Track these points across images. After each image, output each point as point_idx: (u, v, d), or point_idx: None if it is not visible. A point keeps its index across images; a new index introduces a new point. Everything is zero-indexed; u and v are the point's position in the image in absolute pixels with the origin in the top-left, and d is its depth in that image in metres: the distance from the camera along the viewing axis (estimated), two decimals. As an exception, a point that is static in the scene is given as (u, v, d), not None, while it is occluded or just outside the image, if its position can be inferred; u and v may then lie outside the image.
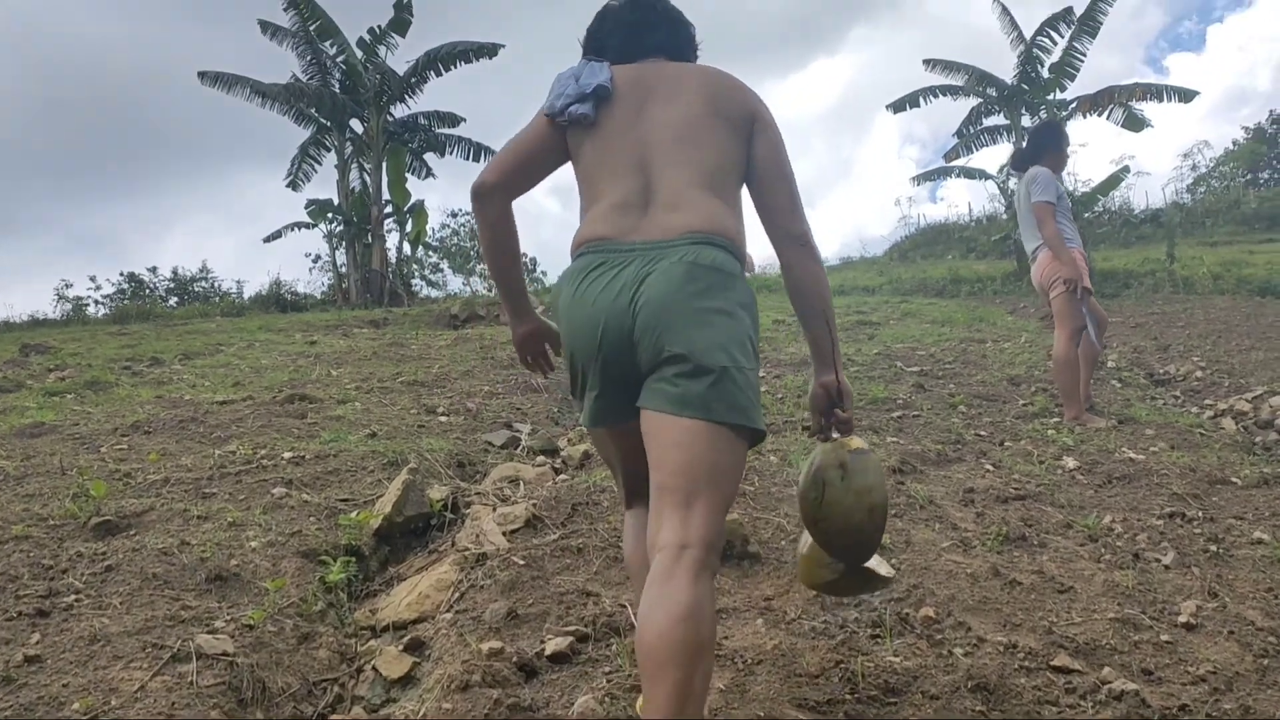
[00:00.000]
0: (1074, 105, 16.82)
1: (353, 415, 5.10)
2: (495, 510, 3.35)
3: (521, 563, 2.87)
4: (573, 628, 2.43)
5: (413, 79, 18.81)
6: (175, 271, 22.98)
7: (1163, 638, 2.43)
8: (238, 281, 23.44)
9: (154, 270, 23.01)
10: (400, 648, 2.51)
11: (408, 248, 20.32)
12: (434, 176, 20.40)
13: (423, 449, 4.23)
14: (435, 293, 23.38)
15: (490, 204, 2.00)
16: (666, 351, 1.74)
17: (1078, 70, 16.57)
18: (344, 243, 19.15)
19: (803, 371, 6.27)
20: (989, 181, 18.41)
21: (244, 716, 2.20)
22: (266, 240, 19.83)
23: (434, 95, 26.38)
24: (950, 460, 4.20)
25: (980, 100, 17.69)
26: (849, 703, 2.10)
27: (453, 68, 18.72)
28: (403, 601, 2.80)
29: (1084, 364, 5.29)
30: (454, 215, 27.87)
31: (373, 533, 3.29)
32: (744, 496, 3.37)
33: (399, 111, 19.44)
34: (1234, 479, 3.99)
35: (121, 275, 22.51)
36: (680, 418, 1.73)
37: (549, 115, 2.02)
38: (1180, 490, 3.77)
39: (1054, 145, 5.50)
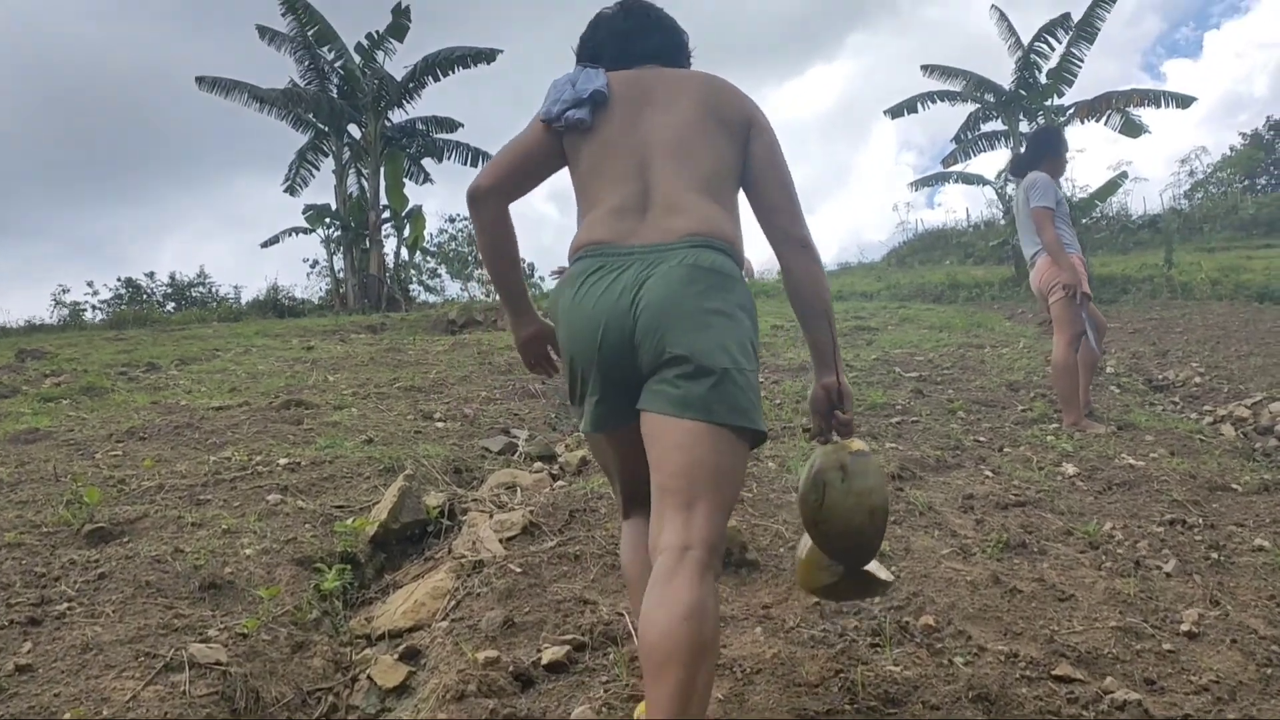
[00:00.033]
0: (1072, 111, 16.85)
1: (349, 421, 5.08)
2: (492, 517, 3.33)
3: (518, 570, 2.84)
4: (570, 636, 2.41)
5: (410, 84, 18.84)
6: (173, 277, 23.02)
7: (1165, 646, 2.41)
8: (235, 287, 23.46)
9: (151, 275, 23.03)
10: (395, 656, 2.48)
11: (405, 253, 20.33)
12: (432, 182, 20.42)
13: (419, 455, 4.21)
14: (433, 298, 23.38)
15: (486, 208, 2.00)
16: (668, 353, 1.74)
17: (1075, 76, 16.63)
18: (342, 248, 19.17)
19: (801, 377, 6.25)
20: (987, 187, 18.45)
21: (237, 727, 2.18)
22: (264, 245, 19.85)
23: (432, 100, 26.49)
24: (949, 466, 4.18)
25: (978, 106, 17.74)
26: (848, 713, 2.07)
27: (451, 73, 18.77)
28: (398, 609, 2.77)
29: (1083, 370, 5.28)
30: (452, 220, 27.93)
31: (369, 540, 3.27)
32: (742, 503, 3.34)
33: (397, 117, 19.50)
34: (1234, 485, 3.97)
35: (119, 280, 22.54)
36: (681, 419, 1.72)
37: (545, 120, 2.01)
38: (1181, 497, 3.75)
39: (1053, 151, 5.49)
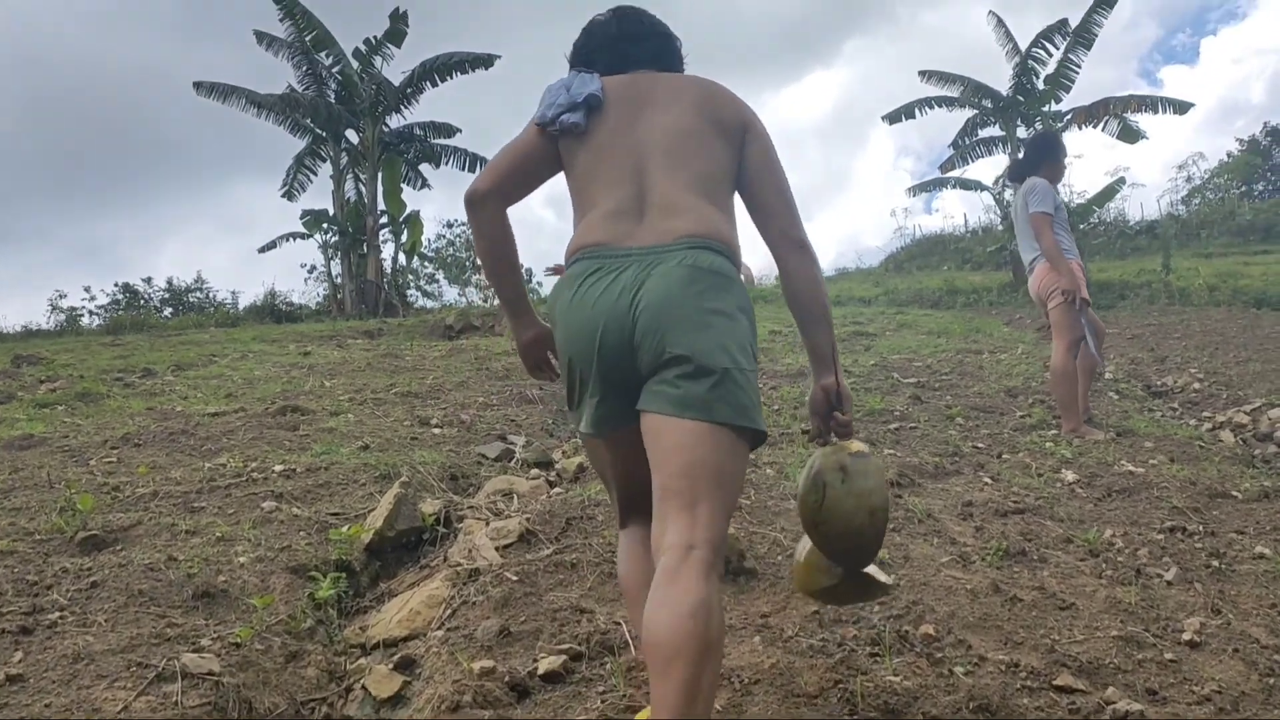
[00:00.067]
0: (1069, 117, 16.87)
1: (345, 427, 5.06)
2: (488, 525, 3.30)
3: (514, 578, 2.82)
4: (566, 646, 2.39)
5: (408, 89, 18.84)
6: (170, 282, 22.99)
7: (1167, 656, 2.39)
8: (233, 292, 23.46)
9: (149, 281, 22.99)
10: (390, 666, 2.46)
11: (403, 258, 20.32)
12: (429, 187, 20.42)
13: (415, 462, 4.19)
14: (431, 303, 23.38)
15: (483, 211, 2.00)
16: (668, 353, 1.74)
17: (1073, 82, 16.65)
18: (339, 253, 19.14)
19: (799, 382, 6.24)
20: (984, 193, 18.47)
21: (229, 738, 2.15)
22: (261, 250, 19.83)
23: (430, 106, 26.52)
24: (948, 473, 4.16)
25: (976, 112, 17.76)
26: (848, 724, 2.06)
27: (448, 78, 18.77)
28: (393, 618, 2.75)
29: (1082, 376, 5.26)
30: (450, 226, 27.94)
31: (364, 548, 3.24)
32: (740, 510, 3.32)
33: (395, 122, 19.49)
34: (1234, 492, 3.95)
35: (116, 286, 22.53)
36: (682, 419, 1.73)
37: (540, 124, 2.02)
38: (1181, 504, 3.73)
39: (1051, 156, 5.48)
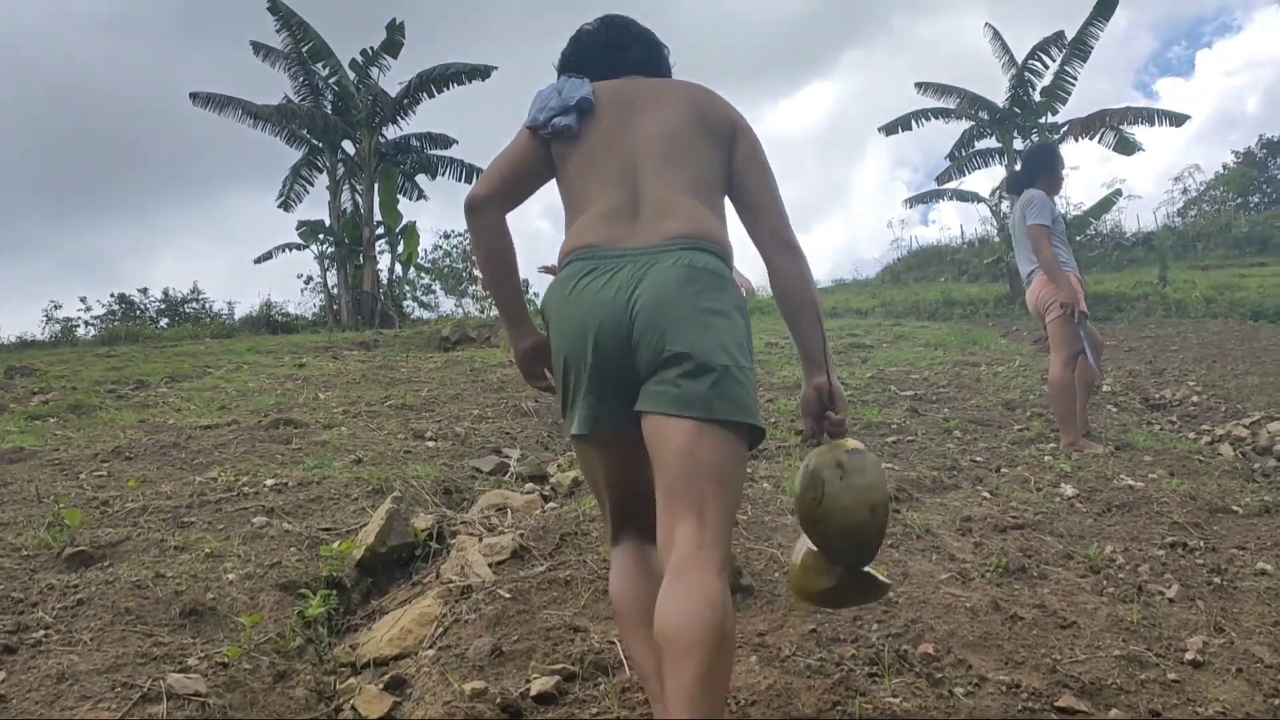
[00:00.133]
0: (1066, 128, 16.90)
1: (338, 440, 5.01)
2: (481, 540, 3.26)
3: (507, 596, 2.78)
4: (559, 666, 2.34)
5: (405, 100, 18.85)
6: (166, 293, 22.96)
7: (1170, 676, 2.35)
8: (229, 302, 23.35)
9: (145, 291, 22.96)
10: (380, 686, 2.41)
11: (399, 269, 20.27)
12: (426, 198, 20.40)
13: (409, 476, 4.14)
14: (427, 314, 23.35)
15: (483, 217, 2.01)
16: (667, 351, 1.75)
17: (1069, 94, 16.69)
18: (335, 264, 19.11)
19: (796, 395, 6.20)
20: (981, 204, 18.49)
21: (214, 761, 2.10)
22: (257, 261, 19.81)
23: (426, 117, 26.50)
24: (946, 487, 4.12)
25: (972, 123, 17.79)
26: (846, 747, 2.01)
27: (445, 89, 18.78)
28: (384, 636, 2.70)
29: (1081, 389, 5.23)
30: (446, 236, 27.98)
31: (355, 564, 3.20)
32: (736, 526, 3.28)
33: (391, 133, 19.49)
34: (1235, 507, 3.92)
35: (112, 296, 22.48)
36: (684, 420, 1.73)
37: (531, 128, 2.03)
38: (1181, 519, 3.70)
39: (1048, 167, 5.46)
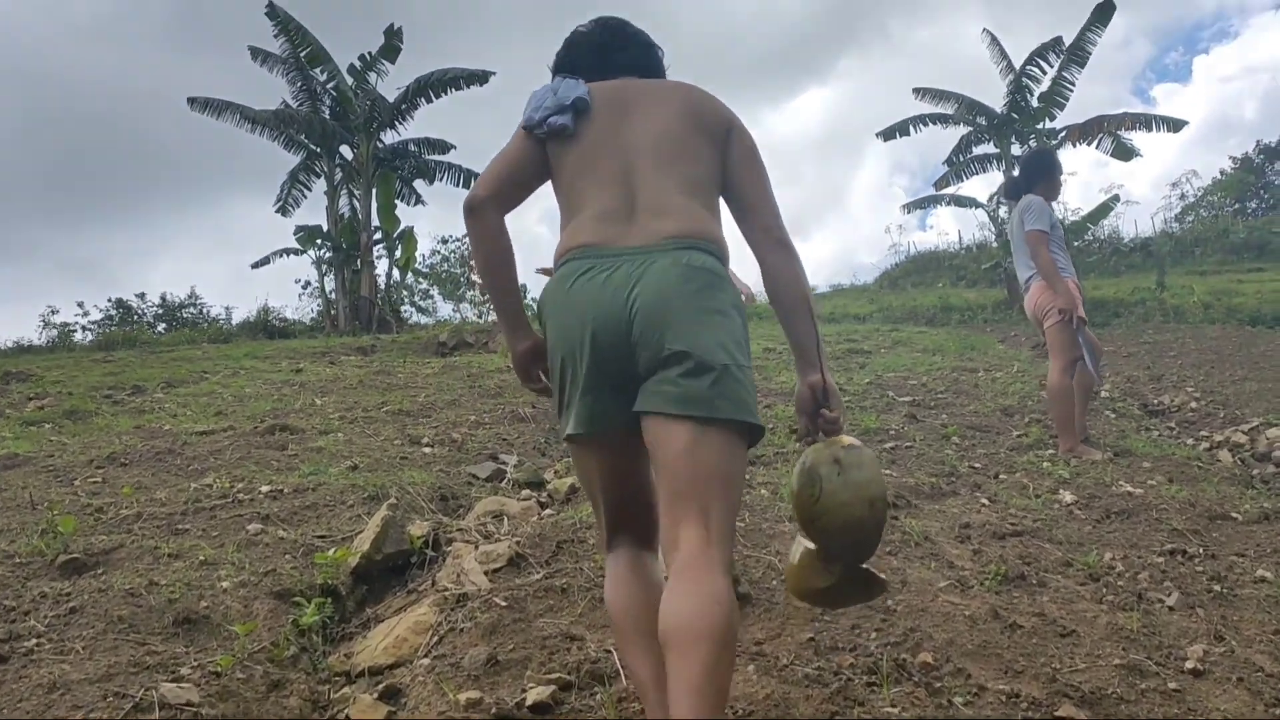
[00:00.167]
0: (1063, 134, 16.90)
1: (334, 447, 4.99)
2: (477, 548, 3.24)
3: (503, 604, 2.76)
4: (555, 675, 2.32)
5: (403, 106, 18.83)
6: (164, 297, 22.89)
7: (1170, 685, 2.33)
8: (226, 308, 23.24)
9: (142, 296, 22.90)
10: (375, 696, 2.39)
11: (397, 274, 20.25)
12: (423, 203, 20.38)
13: (404, 482, 4.12)
14: (425, 319, 23.33)
15: (483, 218, 2.00)
16: (667, 349, 1.75)
17: (1067, 100, 16.68)
18: (333, 269, 19.07)
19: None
20: (979, 210, 18.49)
21: (207, 772, 2.08)
22: (254, 266, 19.77)
23: (424, 122, 26.57)
24: (944, 494, 4.11)
25: (970, 129, 17.78)
26: (845, 758, 2.00)
27: (443, 95, 18.76)
28: (379, 645, 2.68)
29: (1079, 395, 5.22)
30: (444, 241, 27.93)
31: (350, 571, 3.17)
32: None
33: (389, 138, 19.47)
34: (1234, 514, 3.91)
35: (109, 301, 22.42)
36: (686, 421, 1.75)
37: (527, 128, 2.03)
38: (1180, 526, 3.68)
39: (1046, 173, 5.45)
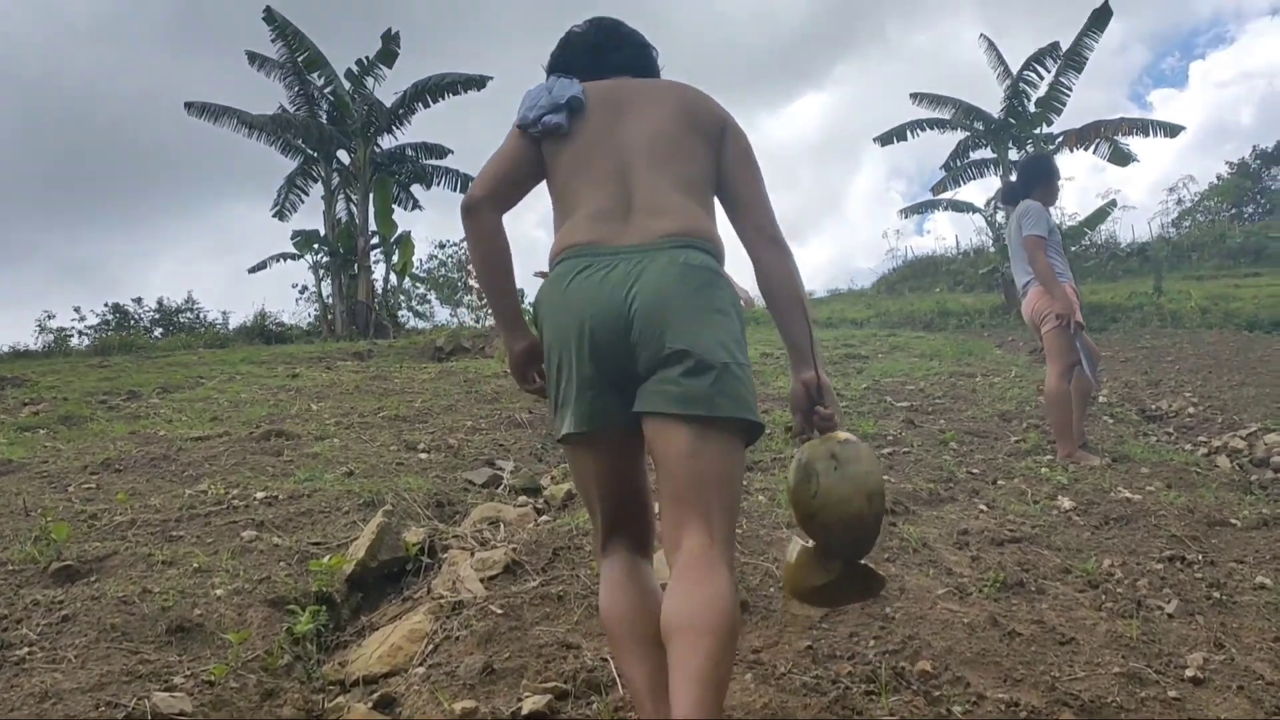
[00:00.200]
0: (1061, 139, 16.91)
1: (330, 452, 4.97)
2: (473, 555, 3.22)
3: (499, 612, 2.74)
4: (551, 685, 2.31)
5: (400, 110, 18.80)
6: (160, 302, 22.82)
7: (1170, 694, 2.32)
8: (223, 312, 23.18)
9: (139, 301, 22.83)
10: (370, 705, 2.37)
11: (394, 279, 20.23)
12: (421, 208, 20.37)
13: (400, 488, 4.10)
14: (422, 324, 23.27)
15: (481, 218, 2.00)
16: (668, 348, 1.75)
17: (1064, 105, 16.68)
18: (330, 274, 19.03)
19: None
20: (976, 215, 18.49)
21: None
22: (251, 271, 19.71)
23: (421, 127, 26.59)
24: (942, 500, 4.10)
25: (967, 134, 17.77)
26: (843, 768, 1.98)
27: (440, 99, 18.73)
28: (374, 653, 2.66)
29: (1077, 400, 5.21)
30: (441, 246, 27.85)
31: (345, 579, 3.15)
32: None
33: (386, 143, 19.43)
34: (1233, 520, 3.90)
35: (106, 306, 22.34)
36: (687, 421, 1.76)
37: (521, 126, 2.03)
38: (1179, 532, 3.67)
39: (1044, 178, 5.44)
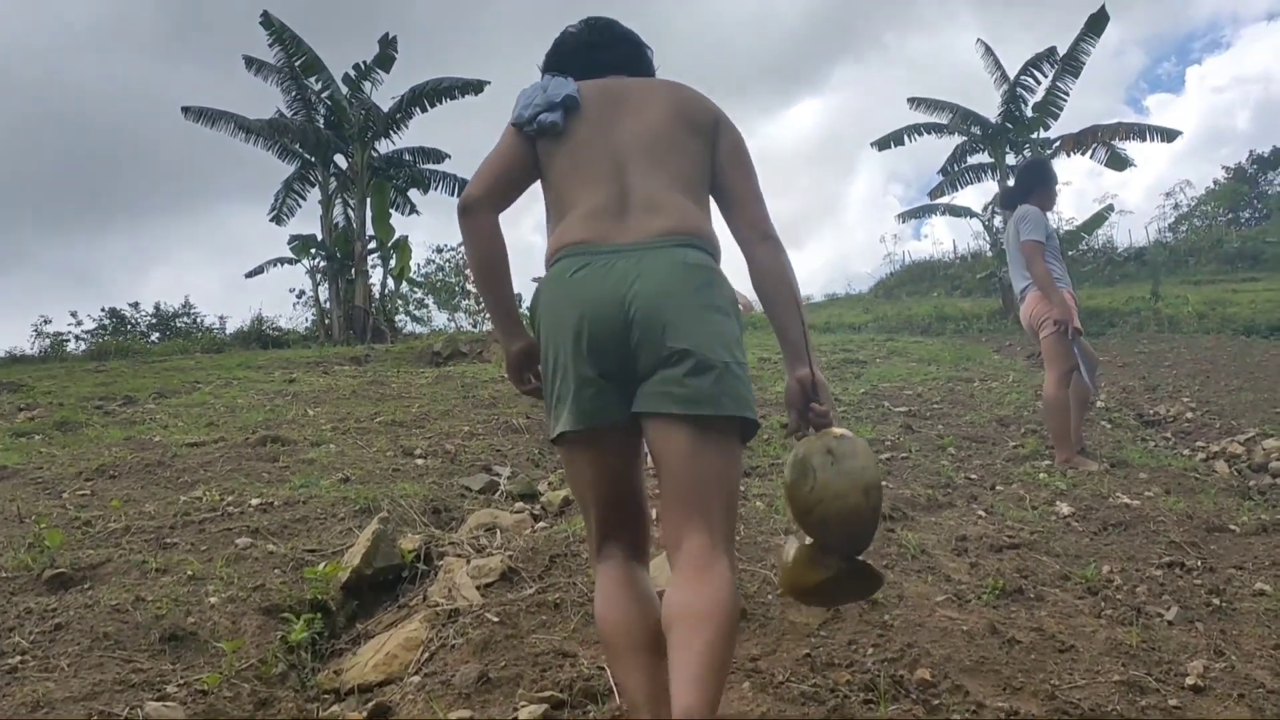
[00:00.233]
0: (1058, 144, 16.94)
1: (326, 458, 4.95)
2: (469, 562, 3.20)
3: (495, 620, 2.72)
4: (548, 694, 2.29)
5: (397, 115, 18.80)
6: (158, 307, 22.81)
7: (1170, 702, 2.30)
8: (221, 317, 23.19)
9: (136, 306, 22.81)
10: (364, 715, 2.35)
11: (391, 283, 20.21)
12: (418, 213, 20.33)
13: (397, 495, 4.08)
14: (420, 328, 23.26)
15: (478, 218, 1.99)
16: (668, 347, 1.75)
17: (1061, 109, 16.72)
18: (327, 278, 19.02)
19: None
20: (973, 219, 18.52)
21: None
22: (248, 276, 19.71)
23: (419, 131, 26.49)
24: (941, 505, 4.08)
25: (965, 139, 17.80)
26: (841, 778, 1.96)
27: (438, 104, 18.74)
28: (369, 662, 2.64)
29: (1075, 406, 5.19)
30: (439, 251, 27.82)
31: (340, 586, 3.13)
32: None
33: (383, 147, 19.43)
34: (1232, 526, 3.88)
35: (103, 311, 22.30)
36: (690, 423, 1.76)
37: (516, 125, 2.02)
38: (1178, 538, 3.65)
39: (1042, 183, 5.43)
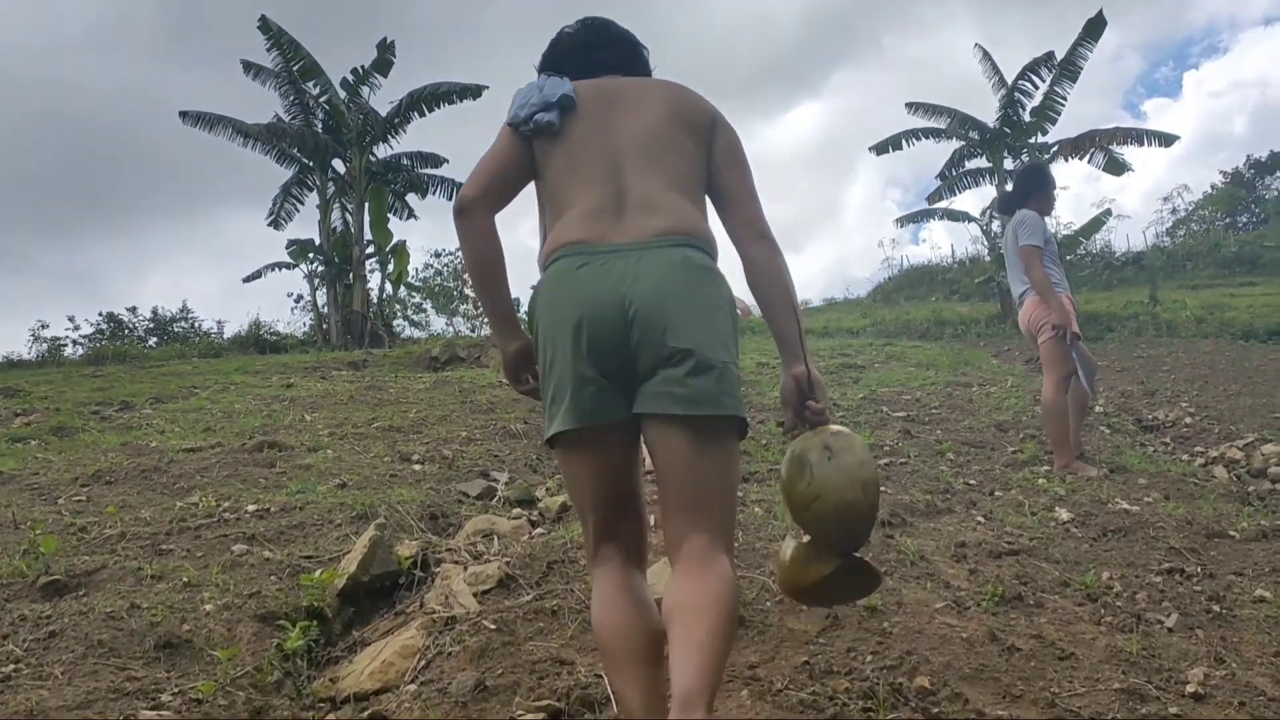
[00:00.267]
0: (1055, 149, 16.95)
1: (323, 464, 4.93)
2: (466, 569, 3.19)
3: (492, 627, 2.71)
4: (544, 702, 2.27)
5: (395, 119, 18.81)
6: (155, 311, 22.79)
7: (1171, 710, 2.29)
8: (218, 321, 23.18)
9: (134, 310, 22.78)
10: (360, 723, 2.34)
11: (389, 288, 20.20)
12: (416, 217, 20.37)
13: (393, 501, 4.07)
14: (418, 333, 23.25)
15: (474, 219, 1.98)
16: (669, 347, 1.75)
17: (1059, 114, 16.75)
18: (325, 283, 19.01)
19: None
20: (972, 224, 18.53)
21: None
22: (246, 280, 19.68)
23: (417, 136, 26.64)
24: (939, 511, 4.07)
25: (963, 143, 17.82)
26: (840, 788, 1.95)
27: (436, 108, 18.74)
28: (365, 670, 2.63)
29: (1074, 411, 5.18)
30: (437, 255, 27.81)
31: (336, 593, 3.11)
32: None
33: (381, 152, 19.46)
34: (1231, 531, 3.87)
35: (100, 315, 22.28)
36: (691, 424, 1.77)
37: (513, 125, 2.01)
38: (1178, 544, 3.64)
39: (1040, 188, 5.43)
